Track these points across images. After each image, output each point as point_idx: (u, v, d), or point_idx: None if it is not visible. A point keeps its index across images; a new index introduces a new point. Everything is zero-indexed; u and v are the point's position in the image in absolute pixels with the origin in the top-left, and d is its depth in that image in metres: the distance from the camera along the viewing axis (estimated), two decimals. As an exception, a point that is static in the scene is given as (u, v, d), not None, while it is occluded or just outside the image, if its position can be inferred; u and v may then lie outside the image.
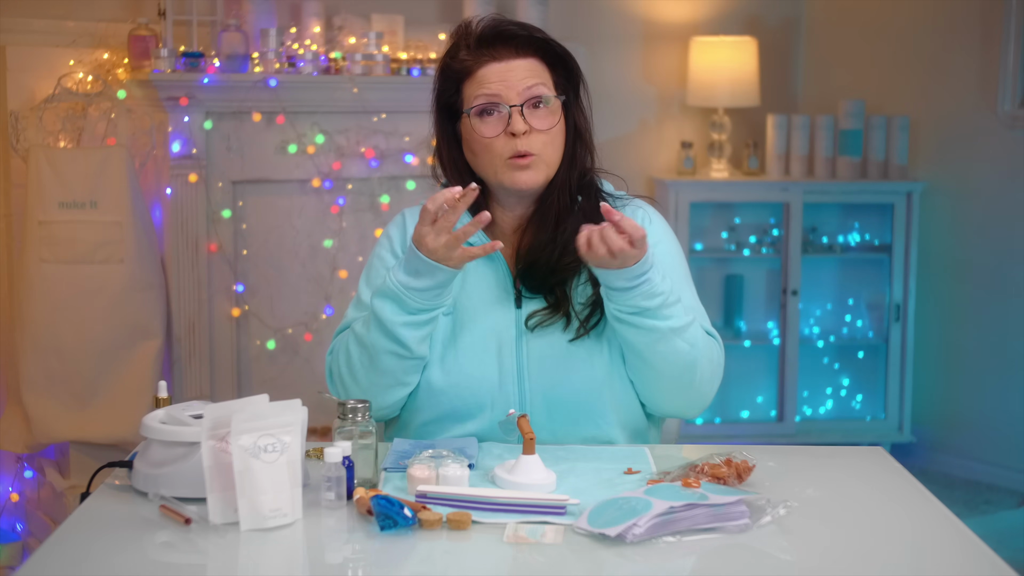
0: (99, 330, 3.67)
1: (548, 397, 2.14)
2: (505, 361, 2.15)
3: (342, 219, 4.04)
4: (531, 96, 2.14)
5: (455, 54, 2.19)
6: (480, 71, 2.15)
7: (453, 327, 2.17)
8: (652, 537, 1.69)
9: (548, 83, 2.17)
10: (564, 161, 2.19)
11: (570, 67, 2.21)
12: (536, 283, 2.17)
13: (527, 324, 2.15)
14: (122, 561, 1.64)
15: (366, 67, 3.96)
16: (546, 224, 2.18)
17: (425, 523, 1.73)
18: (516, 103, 2.13)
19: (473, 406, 2.15)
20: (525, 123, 2.12)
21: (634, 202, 2.28)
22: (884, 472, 2.05)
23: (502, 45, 2.15)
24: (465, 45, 2.18)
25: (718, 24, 4.91)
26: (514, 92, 2.13)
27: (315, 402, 2.16)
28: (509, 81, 2.13)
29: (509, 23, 2.18)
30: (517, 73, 2.14)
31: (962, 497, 4.40)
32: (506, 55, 2.15)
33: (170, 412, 1.91)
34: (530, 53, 2.17)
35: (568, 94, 2.21)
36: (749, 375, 4.86)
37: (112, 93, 3.73)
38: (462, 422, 2.16)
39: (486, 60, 2.15)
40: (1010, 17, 4.44)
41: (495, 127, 2.14)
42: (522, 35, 2.16)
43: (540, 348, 2.15)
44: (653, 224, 2.24)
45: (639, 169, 4.86)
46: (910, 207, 4.72)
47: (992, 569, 1.63)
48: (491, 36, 2.16)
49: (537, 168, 2.15)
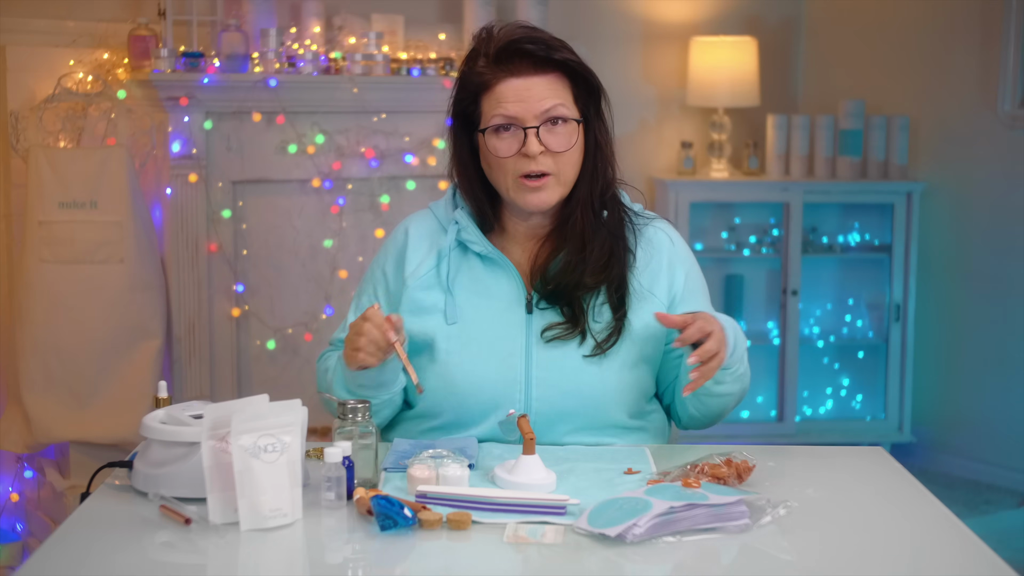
0: (99, 330, 3.67)
1: (555, 406, 2.12)
2: (513, 368, 2.13)
3: (342, 219, 4.04)
4: (548, 117, 2.10)
5: (474, 63, 2.14)
6: (498, 86, 2.11)
7: (459, 330, 2.15)
8: (652, 537, 1.69)
9: (568, 100, 2.13)
10: (584, 177, 2.16)
11: (591, 83, 2.17)
12: (555, 299, 2.14)
13: (543, 336, 2.13)
14: (122, 561, 1.64)
15: (366, 67, 3.96)
16: (570, 242, 2.15)
17: (425, 523, 1.73)
18: (533, 124, 2.09)
19: (476, 412, 2.13)
20: (540, 144, 2.09)
21: (653, 224, 2.25)
22: (884, 472, 2.05)
23: (520, 61, 2.10)
24: (484, 54, 2.13)
25: (718, 24, 4.91)
26: (531, 113, 2.09)
27: (315, 402, 2.16)
28: (527, 101, 2.09)
29: (529, 38, 2.11)
30: (536, 91, 2.10)
31: (962, 497, 4.40)
32: (525, 71, 2.10)
33: (170, 412, 1.91)
34: (550, 69, 2.12)
35: (589, 108, 2.17)
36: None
37: (112, 93, 3.73)
38: (465, 428, 2.14)
39: (504, 75, 2.10)
40: (1010, 17, 4.44)
41: (510, 146, 2.11)
42: (541, 55, 2.11)
43: (550, 359, 2.12)
44: (676, 245, 2.23)
45: (639, 169, 4.86)
46: (910, 207, 4.72)
47: (992, 569, 1.64)
48: (510, 51, 2.11)
49: (551, 189, 2.12)
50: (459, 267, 2.17)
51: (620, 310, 2.13)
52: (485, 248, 2.16)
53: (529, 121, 2.09)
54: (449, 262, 2.16)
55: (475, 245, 2.16)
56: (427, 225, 2.24)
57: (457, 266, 2.17)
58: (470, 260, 2.17)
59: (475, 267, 2.17)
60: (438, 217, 2.23)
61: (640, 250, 2.19)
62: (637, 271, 2.17)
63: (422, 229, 2.23)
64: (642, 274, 2.17)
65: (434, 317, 2.15)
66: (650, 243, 2.21)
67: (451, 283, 2.15)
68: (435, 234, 2.22)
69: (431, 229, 2.23)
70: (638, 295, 2.15)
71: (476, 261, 2.17)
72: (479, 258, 2.17)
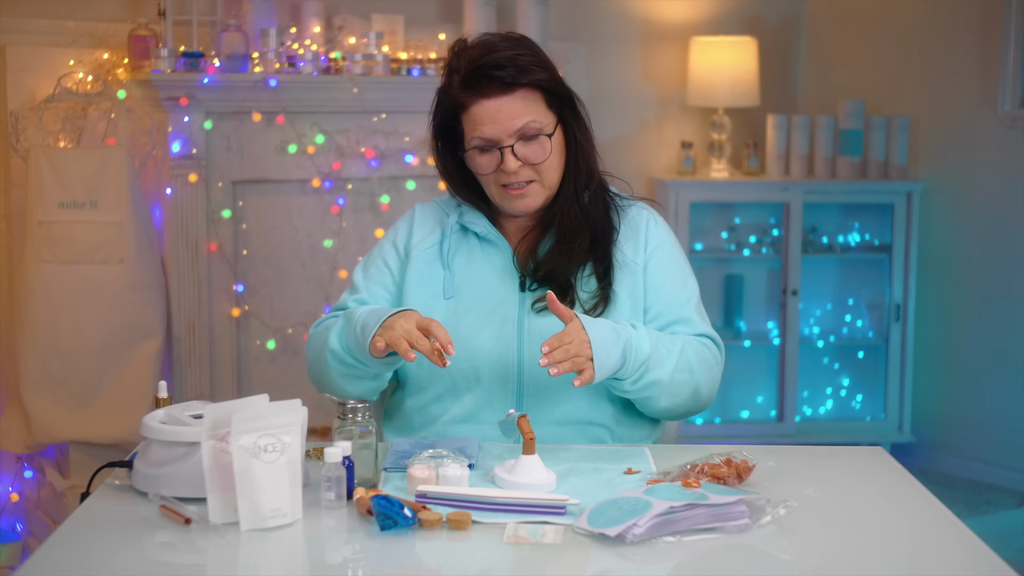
0: (99, 330, 3.67)
1: (545, 375, 2.15)
2: (506, 336, 2.20)
3: (342, 219, 4.04)
4: (522, 135, 2.18)
5: (450, 84, 2.22)
6: (472, 108, 2.20)
7: (456, 303, 2.24)
8: (652, 537, 1.69)
9: (541, 111, 2.20)
10: (567, 177, 2.25)
11: (561, 92, 2.23)
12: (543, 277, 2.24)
13: (533, 306, 2.21)
14: (122, 561, 1.64)
15: (366, 67, 3.96)
16: (557, 235, 2.25)
17: (425, 523, 1.73)
18: (507, 143, 2.18)
19: (471, 377, 2.20)
20: (517, 160, 2.18)
21: (636, 204, 2.34)
22: (884, 472, 2.05)
23: (489, 83, 2.18)
24: (456, 71, 2.21)
25: (718, 24, 4.91)
26: (505, 132, 2.18)
27: (315, 402, 2.16)
28: (500, 122, 2.17)
29: (495, 63, 2.17)
30: (507, 111, 2.18)
31: (962, 497, 4.40)
32: (494, 91, 2.18)
33: (170, 412, 1.91)
34: (519, 86, 2.19)
35: (563, 110, 2.24)
36: (749, 375, 4.86)
37: (112, 93, 3.73)
38: (459, 396, 2.21)
39: (476, 96, 2.19)
40: (1010, 17, 4.44)
41: (490, 162, 2.21)
42: (504, 76, 2.16)
43: (542, 327, 2.19)
44: (658, 225, 2.32)
45: (639, 169, 4.86)
46: (910, 207, 4.73)
47: (992, 569, 1.64)
48: (476, 76, 2.18)
49: (534, 194, 2.23)
50: (459, 246, 2.29)
51: (605, 280, 2.23)
52: (486, 229, 2.27)
53: (504, 140, 2.19)
54: (451, 241, 2.28)
55: (476, 226, 2.28)
56: (433, 209, 2.37)
57: (457, 245, 2.29)
58: (470, 240, 2.30)
59: (474, 247, 2.29)
60: (442, 206, 2.37)
61: (624, 225, 2.29)
62: (620, 244, 2.27)
63: (428, 211, 2.37)
64: (624, 246, 2.27)
65: (433, 288, 2.26)
66: (632, 219, 2.31)
67: (451, 260, 2.27)
68: (440, 216, 2.35)
69: (437, 212, 2.36)
70: (621, 266, 2.25)
71: (475, 241, 2.29)
72: (478, 239, 2.29)
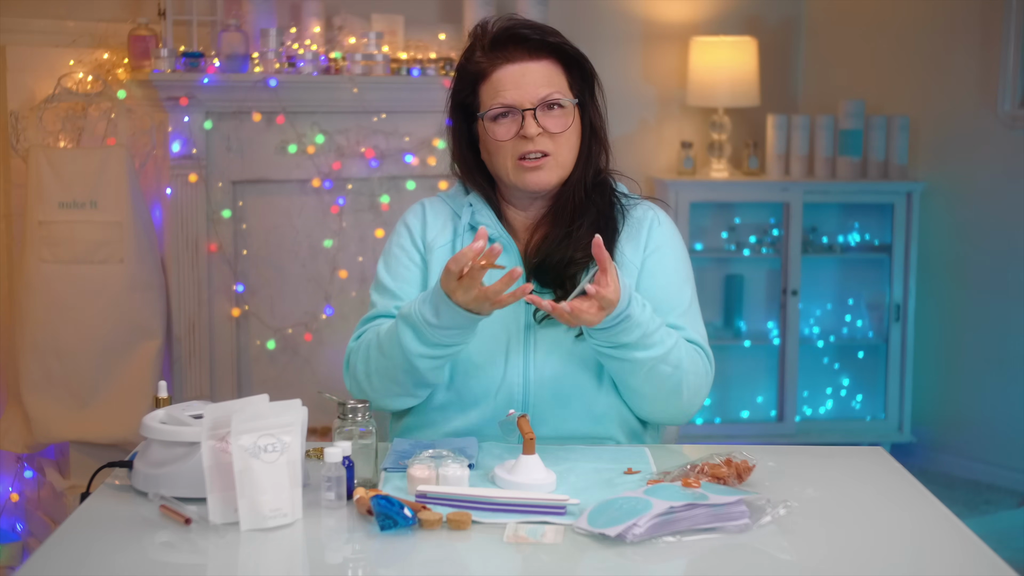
0: (99, 330, 3.67)
1: (552, 389, 2.16)
2: (512, 351, 2.17)
3: (342, 219, 4.04)
4: (545, 103, 2.16)
5: (471, 55, 2.20)
6: (495, 74, 2.17)
7: None
8: (652, 537, 1.69)
9: (563, 86, 2.19)
10: (580, 160, 2.22)
11: (585, 68, 2.22)
12: (547, 278, 2.19)
13: (535, 317, 2.17)
14: (122, 561, 1.64)
15: (366, 67, 3.96)
16: (560, 220, 2.21)
17: (425, 523, 1.73)
18: (530, 107, 2.15)
19: (479, 393, 2.17)
20: (538, 126, 2.15)
21: (644, 204, 2.30)
22: (884, 472, 2.05)
23: (515, 47, 2.17)
24: (480, 46, 2.20)
25: (718, 24, 4.91)
26: (527, 98, 2.15)
27: (315, 402, 2.16)
28: (523, 87, 2.15)
29: (523, 25, 2.19)
30: (531, 77, 2.16)
31: (962, 497, 4.40)
32: (520, 57, 2.17)
33: (170, 412, 1.91)
34: (544, 55, 2.18)
35: (583, 94, 2.22)
36: (749, 375, 4.86)
37: (112, 93, 3.73)
38: (465, 411, 2.18)
39: (500, 62, 2.17)
40: (1010, 17, 4.44)
41: (508, 129, 2.16)
42: (535, 39, 2.17)
43: (547, 341, 2.17)
44: (662, 226, 2.27)
45: (639, 169, 4.85)
46: (910, 207, 4.72)
47: (992, 569, 1.64)
48: (504, 38, 2.17)
49: (549, 169, 2.18)
50: None
51: None
52: (496, 231, 2.21)
53: (526, 105, 2.15)
54: (462, 241, 2.23)
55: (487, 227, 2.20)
56: (441, 206, 2.30)
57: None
58: None
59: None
60: (449, 203, 2.30)
61: (627, 226, 2.25)
62: (621, 243, 2.23)
63: (437, 207, 2.30)
64: (625, 246, 2.23)
65: None
66: (637, 220, 2.27)
67: None
68: (450, 213, 2.28)
69: (445, 210, 2.29)
70: (620, 266, 2.19)
71: None
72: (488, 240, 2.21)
